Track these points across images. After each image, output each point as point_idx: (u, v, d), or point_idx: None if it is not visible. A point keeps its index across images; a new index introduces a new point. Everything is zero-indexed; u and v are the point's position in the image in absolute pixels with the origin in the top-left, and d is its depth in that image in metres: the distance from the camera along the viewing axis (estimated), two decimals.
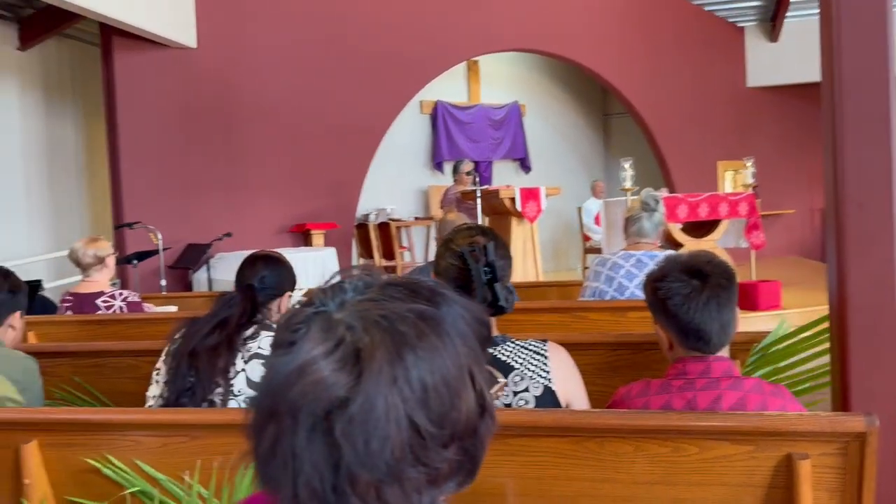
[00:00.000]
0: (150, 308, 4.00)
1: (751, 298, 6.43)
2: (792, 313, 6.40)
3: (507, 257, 1.66)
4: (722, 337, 1.65)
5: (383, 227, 8.83)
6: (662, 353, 1.78)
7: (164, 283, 6.24)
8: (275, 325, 2.04)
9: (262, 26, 7.80)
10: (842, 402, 1.74)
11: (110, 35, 7.12)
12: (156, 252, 6.23)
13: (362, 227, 9.17)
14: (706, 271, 1.63)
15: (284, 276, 2.26)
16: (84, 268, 3.71)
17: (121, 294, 3.77)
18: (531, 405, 1.55)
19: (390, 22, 8.37)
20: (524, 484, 1.41)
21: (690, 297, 1.61)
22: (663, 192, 7.37)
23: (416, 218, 10.14)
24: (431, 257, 7.70)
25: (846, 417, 1.35)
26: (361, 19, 8.25)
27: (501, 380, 0.66)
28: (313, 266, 6.67)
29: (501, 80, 11.01)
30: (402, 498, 0.66)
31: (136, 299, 3.82)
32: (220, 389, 1.90)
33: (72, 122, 8.61)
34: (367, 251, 9.12)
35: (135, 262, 5.98)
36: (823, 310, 1.88)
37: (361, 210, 9.33)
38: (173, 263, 6.96)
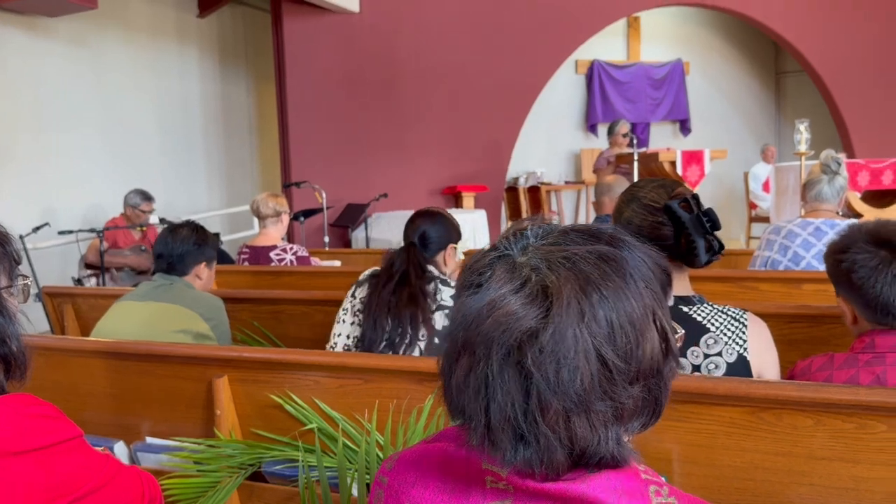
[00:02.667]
0: (317, 262, 4.26)
1: None
2: None
3: (712, 210, 1.63)
4: None
5: (533, 191, 8.79)
6: (846, 326, 1.66)
7: (327, 239, 6.61)
8: (446, 278, 2.14)
9: None
10: None
11: (280, 2, 7.52)
12: (320, 210, 6.59)
13: (512, 190, 9.17)
14: (894, 240, 1.51)
15: (446, 229, 2.31)
16: (262, 219, 4.02)
17: (291, 248, 4.04)
18: (721, 370, 1.51)
19: None
20: (692, 451, 1.38)
21: (878, 269, 1.51)
22: (843, 158, 6.75)
23: (567, 182, 9.98)
24: (582, 222, 7.61)
25: None
26: None
27: (680, 331, 0.65)
28: (463, 228, 6.78)
29: (664, 36, 10.47)
30: (588, 429, 0.68)
31: (305, 254, 4.08)
32: (421, 340, 2.05)
33: (244, 86, 9.23)
34: (516, 214, 9.13)
35: (301, 218, 6.36)
36: None
37: (512, 173, 9.33)
38: (334, 222, 7.34)
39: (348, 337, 2.23)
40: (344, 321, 2.25)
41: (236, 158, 9.03)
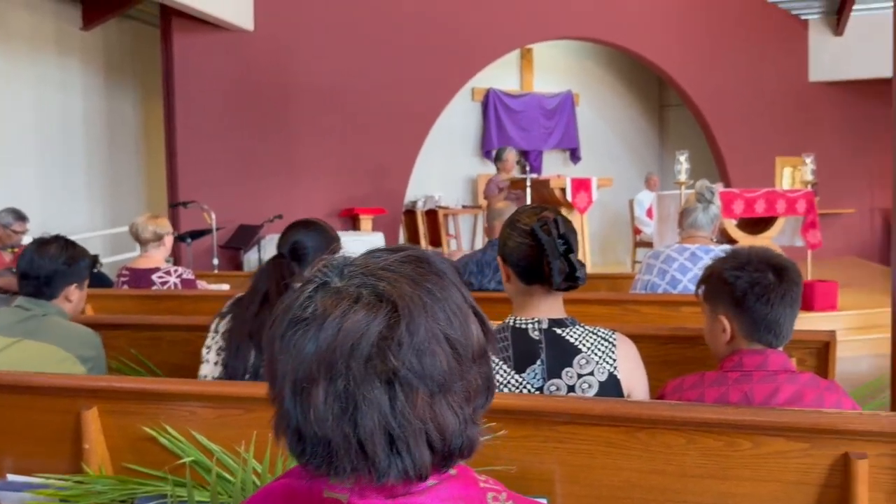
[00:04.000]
0: (204, 285, 4.10)
1: (807, 298, 6.26)
2: (848, 315, 6.22)
3: (575, 232, 1.67)
4: (789, 332, 1.66)
5: (431, 215, 8.86)
6: (715, 345, 1.75)
7: (216, 261, 6.39)
8: None
9: (317, 11, 7.88)
10: None
11: (170, 16, 7.28)
12: (209, 231, 6.37)
13: (410, 213, 9.21)
14: (785, 266, 1.64)
15: (324, 239, 2.16)
16: (142, 243, 3.82)
17: (176, 271, 3.87)
18: (594, 389, 1.57)
19: (444, 9, 8.36)
20: (572, 471, 1.40)
21: (769, 289, 1.61)
22: (719, 187, 7.21)
23: (464, 206, 10.14)
24: (479, 245, 7.70)
25: None
26: (415, 6, 8.26)
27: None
28: (361, 251, 6.73)
29: (555, 68, 10.89)
30: (451, 413, 0.73)
31: (191, 276, 3.92)
32: None
33: (131, 102, 8.84)
34: (413, 238, 9.17)
35: (188, 240, 6.12)
36: (881, 313, 1.82)
37: (410, 197, 9.38)
38: (225, 243, 7.11)
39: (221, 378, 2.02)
40: (207, 361, 2.05)
41: (121, 176, 8.61)
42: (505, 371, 1.58)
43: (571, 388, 1.55)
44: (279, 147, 7.73)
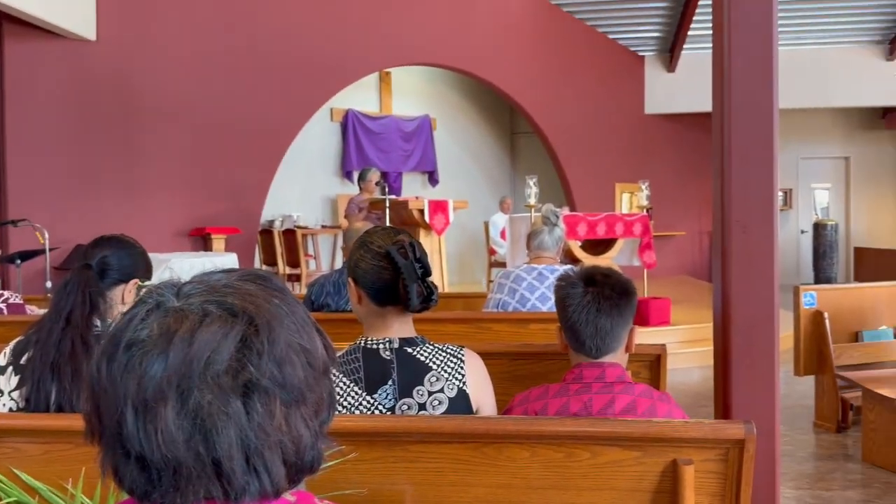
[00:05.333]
0: (34, 311, 3.76)
1: (642, 314, 6.73)
2: (680, 329, 6.75)
3: (426, 254, 1.70)
4: (601, 344, 1.73)
5: (288, 234, 8.66)
6: (563, 362, 1.84)
7: (49, 284, 5.87)
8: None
9: (167, 23, 7.54)
10: (723, 410, 1.85)
11: (1, 22, 6.69)
12: (41, 252, 5.86)
13: (267, 233, 8.96)
14: (598, 281, 1.74)
15: (133, 260, 1.99)
16: None
17: (1, 295, 3.53)
18: (444, 406, 1.59)
19: (302, 28, 8.29)
20: (422, 491, 1.42)
21: (585, 302, 1.72)
22: (565, 211, 7.62)
23: (324, 226, 10.01)
24: (338, 266, 7.60)
25: (727, 425, 1.44)
26: (272, 23, 8.13)
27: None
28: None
29: (413, 92, 11.08)
30: (304, 425, 0.73)
31: (18, 301, 3.59)
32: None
33: None
34: (270, 258, 8.92)
35: (18, 261, 5.60)
36: (708, 327, 2.00)
37: (266, 216, 9.14)
38: (61, 264, 6.57)
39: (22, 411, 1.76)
40: (2, 392, 1.78)
41: None
42: (356, 393, 1.57)
43: (423, 407, 1.57)
44: (122, 163, 7.29)
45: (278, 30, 8.13)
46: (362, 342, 1.65)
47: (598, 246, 7.23)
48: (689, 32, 10.30)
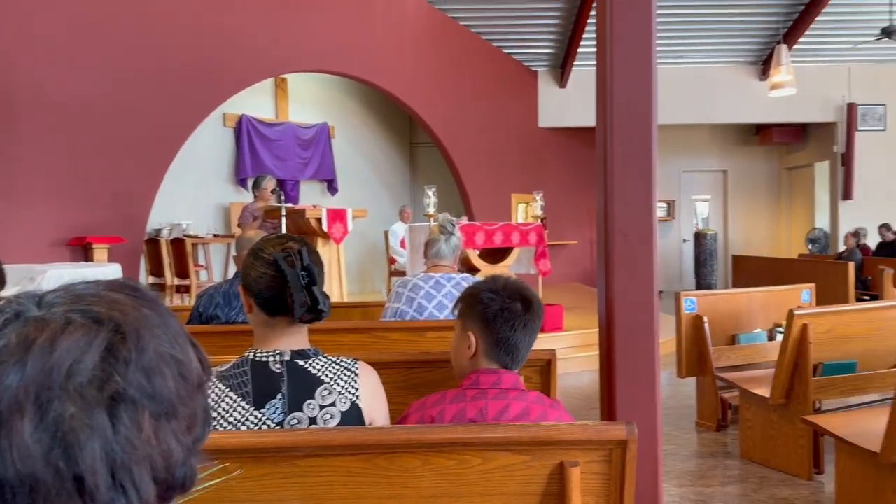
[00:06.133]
0: None
1: None
2: (572, 335, 6.98)
3: (321, 263, 1.66)
4: (525, 357, 1.83)
5: (177, 244, 8.31)
6: (458, 360, 1.86)
7: None
8: None
9: (45, 21, 7.09)
10: (608, 412, 1.92)
11: None
12: None
13: (153, 242, 8.57)
14: (531, 298, 1.82)
15: None
16: None
17: None
18: (336, 420, 1.56)
19: (193, 29, 8.01)
20: None
21: (517, 316, 1.77)
22: (463, 220, 7.72)
23: (216, 235, 9.68)
24: (231, 276, 7.41)
25: (610, 426, 1.49)
26: (161, 22, 7.81)
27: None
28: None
29: (311, 99, 10.93)
30: (175, 440, 0.69)
31: None
32: None
33: None
34: (157, 269, 8.53)
35: None
36: (598, 332, 2.07)
37: (153, 224, 8.75)
38: None
39: None
40: None
41: None
42: (243, 408, 1.52)
43: (313, 421, 1.54)
44: None
45: (168, 29, 7.82)
46: (251, 354, 1.59)
47: (495, 255, 7.37)
48: (579, 49, 10.72)
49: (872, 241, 10.65)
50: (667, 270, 13.70)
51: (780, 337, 4.22)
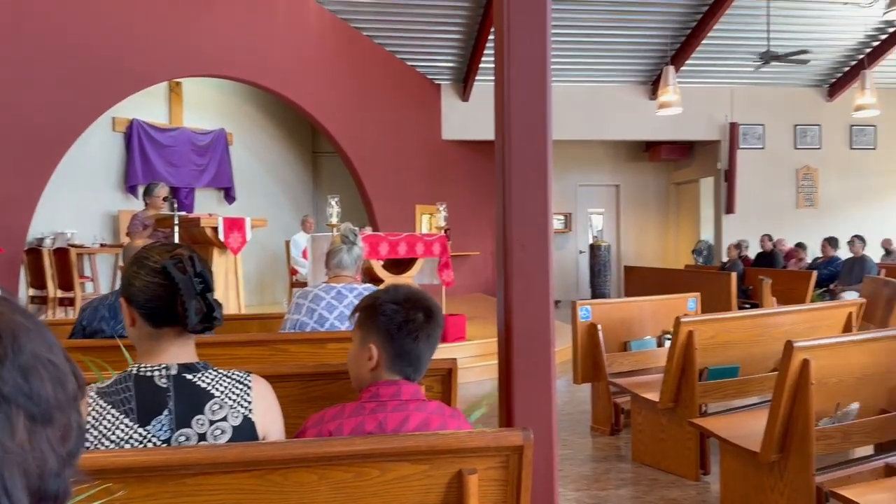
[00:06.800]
0: None
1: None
2: (474, 344, 7.06)
3: (210, 270, 1.60)
4: (425, 368, 1.83)
5: (61, 254, 7.83)
6: (357, 372, 1.83)
7: None
8: None
9: None
10: (506, 419, 1.95)
11: None
12: None
13: (35, 252, 8.04)
14: (433, 308, 1.82)
15: None
16: None
17: None
18: (227, 435, 1.50)
19: (81, 28, 7.61)
20: None
21: (419, 327, 1.76)
22: (367, 231, 7.67)
23: (103, 245, 9.18)
24: (118, 288, 7.03)
25: (507, 433, 1.51)
26: (47, 19, 7.37)
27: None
28: None
29: (207, 105, 10.59)
30: (49, 448, 0.67)
31: None
32: None
33: None
34: (39, 281, 8.00)
35: None
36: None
37: (35, 233, 8.21)
38: None
39: None
40: None
41: None
42: (126, 426, 1.43)
43: (203, 437, 1.47)
44: None
45: (54, 27, 7.39)
46: (134, 369, 1.51)
47: (399, 265, 7.36)
48: (481, 65, 10.92)
49: (754, 252, 11.38)
50: (564, 280, 14.11)
51: (668, 343, 4.42)
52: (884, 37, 11.17)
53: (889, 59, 11.44)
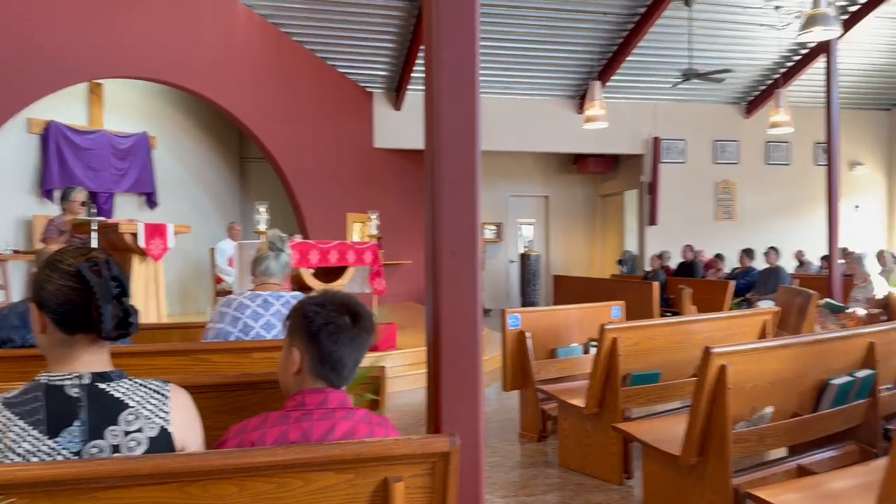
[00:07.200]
0: None
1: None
2: (406, 353, 7.04)
3: (126, 276, 1.53)
4: (352, 373, 1.78)
5: None
6: (284, 379, 1.79)
7: None
8: None
9: None
10: (434, 426, 1.95)
11: None
12: None
13: None
14: (360, 312, 1.77)
15: None
16: None
17: None
18: (143, 447, 1.44)
19: None
20: None
21: (342, 329, 1.72)
22: (297, 238, 7.55)
23: (16, 251, 8.73)
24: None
25: (433, 439, 1.51)
26: None
27: None
28: None
29: (130, 107, 10.24)
30: None
31: None
32: None
33: None
34: None
35: None
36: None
37: None
38: None
39: None
40: None
41: None
42: (35, 437, 1.36)
43: (117, 449, 1.41)
44: None
45: None
46: (44, 378, 1.44)
47: (329, 274, 7.28)
48: (413, 74, 10.95)
49: (676, 262, 11.78)
50: (495, 289, 14.25)
51: (594, 350, 4.52)
52: (797, 58, 11.79)
53: (802, 78, 12.07)
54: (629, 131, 12.68)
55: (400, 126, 11.61)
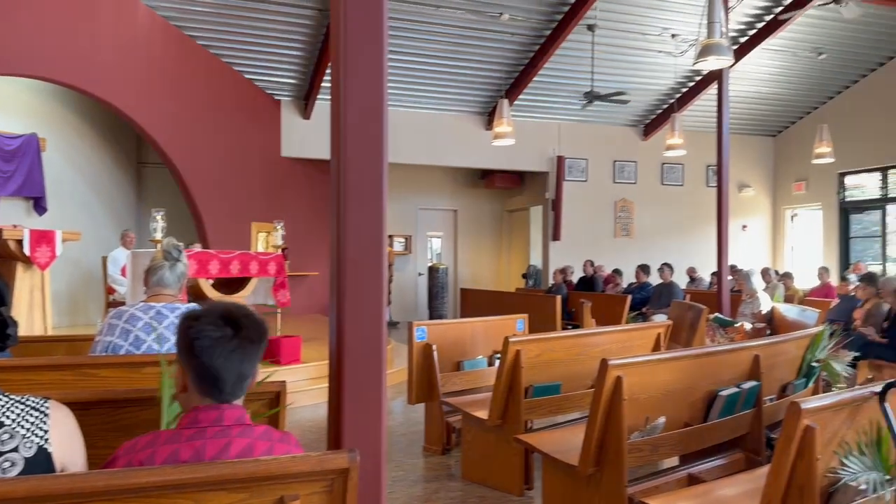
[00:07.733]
0: None
1: (274, 353, 6.73)
2: (310, 366, 6.90)
3: (7, 285, 1.43)
4: (237, 387, 1.67)
5: None
6: (180, 398, 1.71)
7: None
8: None
9: None
10: (335, 442, 1.91)
11: None
12: None
13: None
14: (241, 322, 1.66)
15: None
16: None
17: None
18: (19, 467, 1.34)
19: None
20: None
21: (219, 342, 1.61)
22: (196, 248, 7.29)
23: None
24: None
25: (331, 455, 1.48)
26: None
27: None
28: None
29: (18, 107, 9.63)
30: None
31: None
32: None
33: None
34: None
35: None
36: None
37: None
38: None
39: None
40: None
41: None
42: None
43: None
44: None
45: None
46: None
47: (231, 285, 7.05)
48: (323, 83, 10.84)
49: (578, 277, 12.13)
50: (403, 302, 14.23)
51: (498, 362, 4.57)
52: (692, 84, 12.45)
53: (696, 104, 12.75)
54: (535, 149, 13.00)
55: (309, 135, 11.45)
